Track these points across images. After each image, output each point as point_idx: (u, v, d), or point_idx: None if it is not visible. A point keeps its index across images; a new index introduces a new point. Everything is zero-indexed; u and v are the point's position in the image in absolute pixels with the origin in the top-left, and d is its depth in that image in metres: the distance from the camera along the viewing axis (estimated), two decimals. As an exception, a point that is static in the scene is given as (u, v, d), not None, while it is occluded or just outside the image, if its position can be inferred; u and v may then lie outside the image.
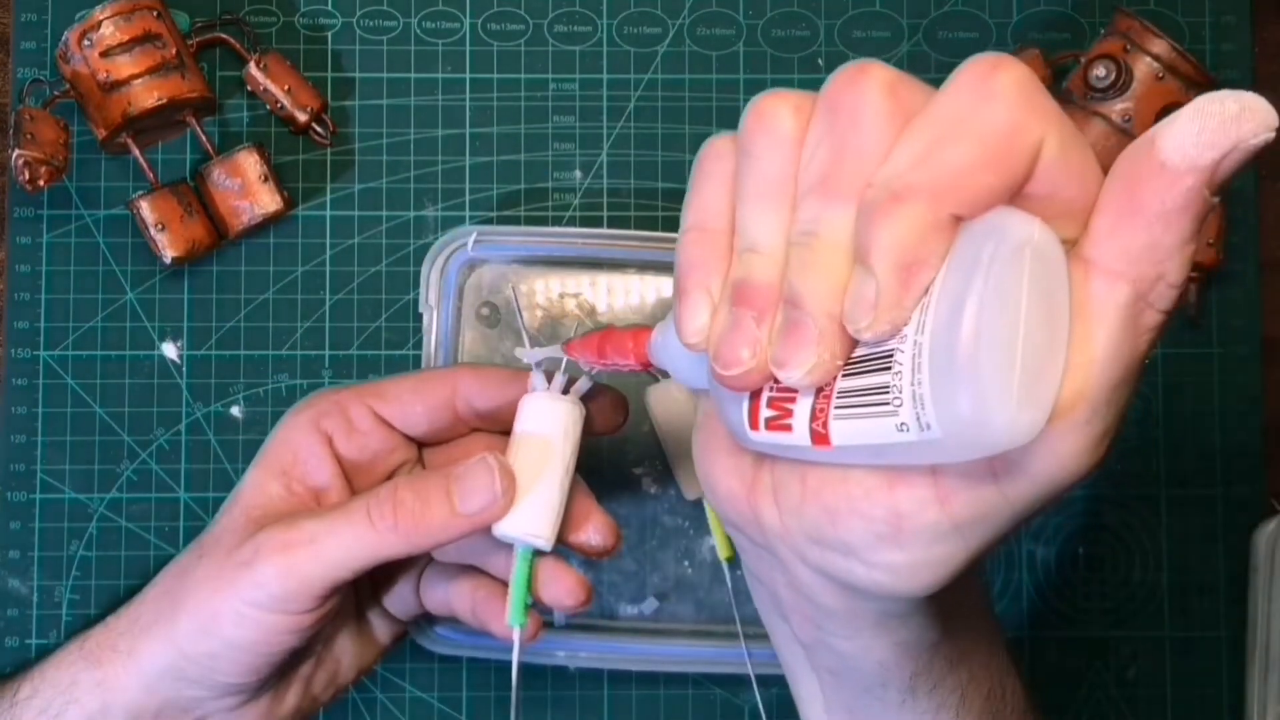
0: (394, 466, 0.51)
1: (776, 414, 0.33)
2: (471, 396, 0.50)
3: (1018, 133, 0.29)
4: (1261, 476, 0.61)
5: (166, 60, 0.56)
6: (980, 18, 0.62)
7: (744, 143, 0.33)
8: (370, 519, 0.46)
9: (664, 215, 0.61)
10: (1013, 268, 0.29)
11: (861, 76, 0.31)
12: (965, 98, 0.30)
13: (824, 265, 0.31)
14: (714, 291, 0.33)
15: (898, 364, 0.30)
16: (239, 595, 0.46)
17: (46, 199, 0.59)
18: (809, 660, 0.41)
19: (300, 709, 0.52)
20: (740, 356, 0.32)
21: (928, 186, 0.29)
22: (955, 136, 0.29)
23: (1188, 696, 0.60)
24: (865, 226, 0.30)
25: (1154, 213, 0.29)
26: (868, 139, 0.31)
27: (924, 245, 0.29)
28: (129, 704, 0.49)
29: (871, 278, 0.29)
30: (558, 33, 0.61)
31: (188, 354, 0.60)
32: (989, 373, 0.28)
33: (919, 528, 0.33)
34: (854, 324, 0.30)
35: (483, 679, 0.60)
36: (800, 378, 0.31)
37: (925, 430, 0.29)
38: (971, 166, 0.29)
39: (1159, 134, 0.29)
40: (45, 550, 0.59)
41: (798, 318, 0.31)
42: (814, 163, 0.31)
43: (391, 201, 0.60)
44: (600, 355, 0.42)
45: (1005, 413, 0.28)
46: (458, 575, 0.52)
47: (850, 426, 0.31)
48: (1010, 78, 0.29)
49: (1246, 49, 0.62)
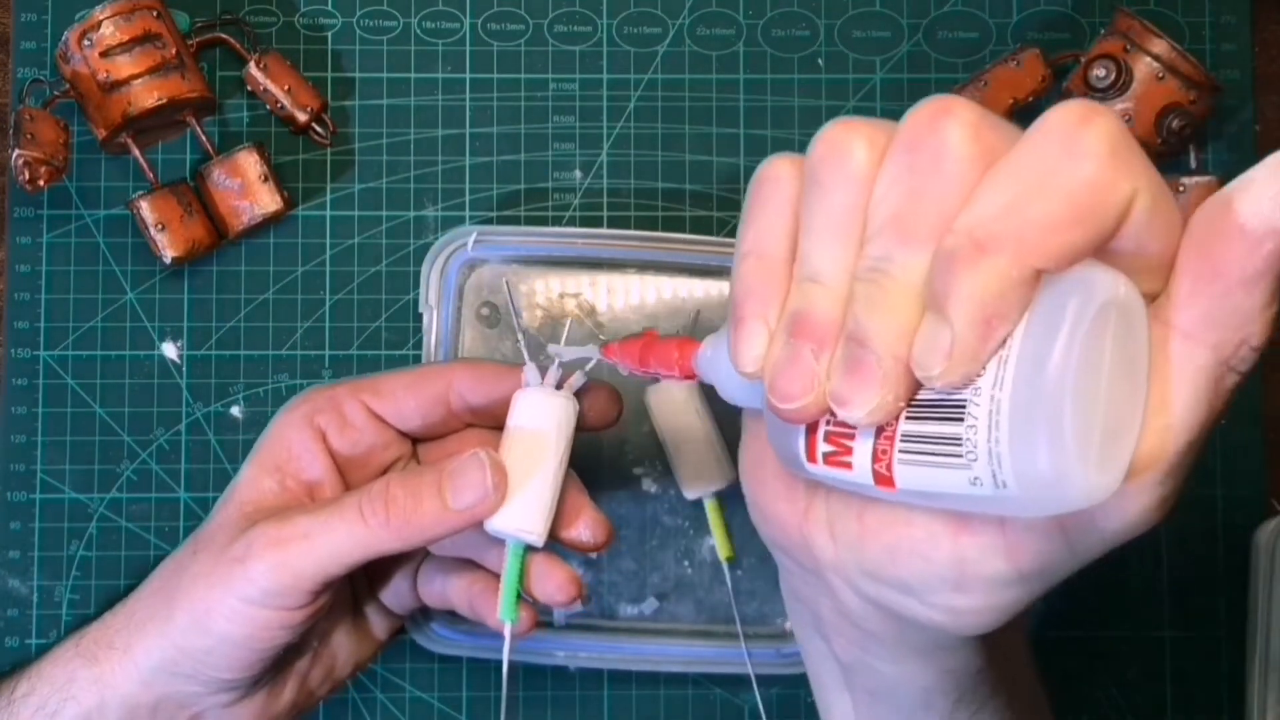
0: (388, 462, 0.52)
1: (835, 450, 0.32)
2: (465, 392, 0.50)
3: (1107, 190, 0.28)
4: (1261, 476, 0.61)
5: (166, 60, 0.56)
6: (980, 18, 0.62)
7: (814, 171, 0.32)
8: (362, 515, 0.46)
9: (664, 215, 0.61)
10: (1097, 327, 0.28)
11: (944, 116, 0.30)
12: (1054, 149, 0.29)
13: (893, 305, 0.30)
14: (771, 320, 0.33)
15: (972, 417, 0.29)
16: (232, 591, 0.46)
17: (46, 199, 0.59)
18: (845, 679, 0.41)
19: (297, 704, 0.52)
20: (798, 389, 0.31)
21: (1013, 239, 0.28)
22: (1043, 190, 0.28)
23: (1188, 696, 0.60)
24: (944, 274, 0.29)
25: (1234, 279, 0.28)
26: (950, 183, 0.30)
27: (1005, 299, 0.28)
28: (125, 700, 0.49)
29: (947, 326, 0.29)
30: (558, 33, 0.61)
31: (188, 354, 0.60)
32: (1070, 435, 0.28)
33: (983, 575, 0.33)
34: (924, 371, 0.29)
35: (483, 679, 0.59)
36: (861, 417, 0.30)
37: (1001, 488, 0.29)
38: (1059, 223, 0.28)
39: (1236, 195, 0.28)
40: (45, 550, 0.59)
41: (862, 355, 0.30)
42: (889, 200, 0.31)
43: (391, 201, 0.60)
44: (642, 364, 0.42)
45: (1084, 475, 0.28)
46: (454, 569, 0.52)
47: (918, 473, 0.31)
48: (1102, 132, 0.28)
49: (1246, 49, 0.62)
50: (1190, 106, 0.56)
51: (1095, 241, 0.29)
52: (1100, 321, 0.28)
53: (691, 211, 0.61)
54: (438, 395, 0.50)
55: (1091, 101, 0.29)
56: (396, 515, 0.46)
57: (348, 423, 0.50)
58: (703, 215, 0.61)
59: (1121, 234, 0.29)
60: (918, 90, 0.61)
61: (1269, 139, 0.62)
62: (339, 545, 0.46)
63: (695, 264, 0.58)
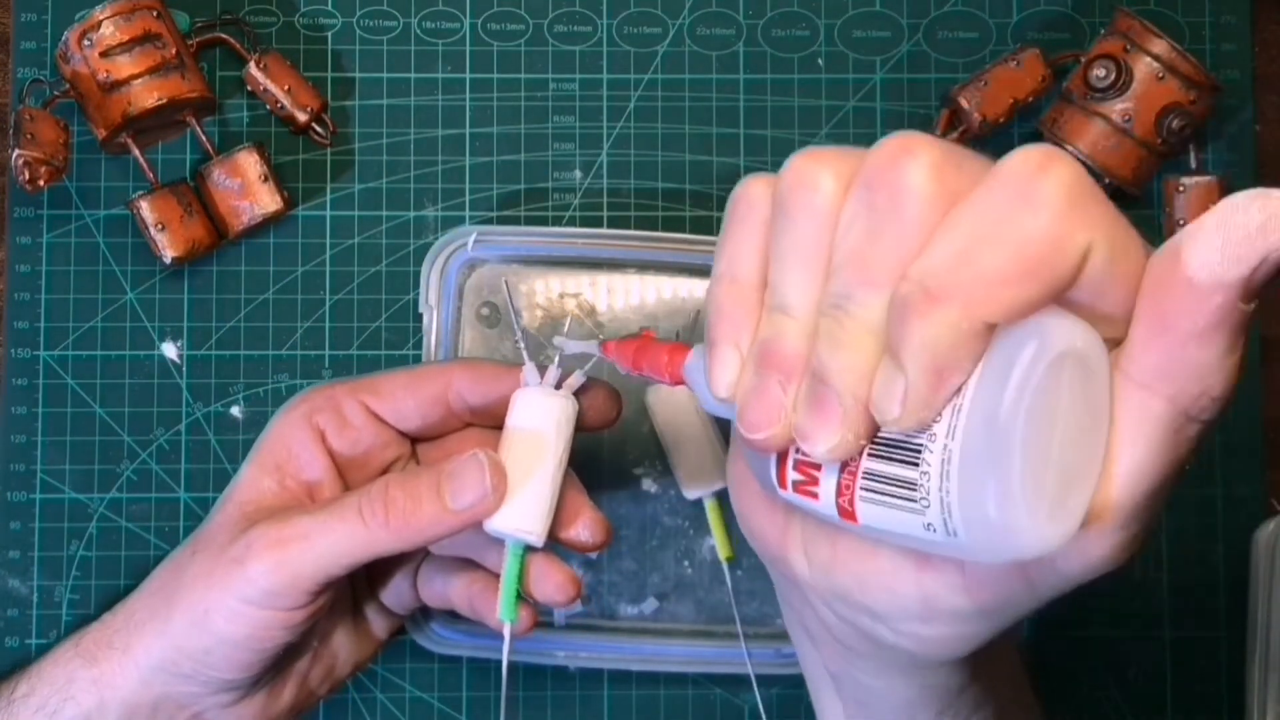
0: (388, 462, 0.52)
1: (803, 479, 0.33)
2: (464, 391, 0.50)
3: (1061, 242, 0.28)
4: (1261, 477, 0.61)
5: (166, 60, 0.56)
6: (980, 18, 0.62)
7: (782, 201, 0.32)
8: (361, 515, 0.46)
9: (664, 215, 0.61)
10: (1051, 377, 0.28)
11: (905, 156, 0.30)
12: (1008, 197, 0.28)
13: (853, 345, 0.30)
14: (743, 346, 0.33)
15: (925, 463, 0.29)
16: (230, 591, 0.46)
17: (46, 199, 0.59)
18: (836, 689, 0.41)
19: (297, 704, 0.52)
20: (764, 420, 0.31)
21: (963, 292, 0.28)
22: (995, 241, 0.28)
23: (1188, 696, 0.60)
24: (898, 323, 0.29)
25: (1185, 332, 0.28)
26: (907, 225, 0.29)
27: (956, 350, 0.28)
28: (125, 700, 0.49)
29: (901, 374, 0.29)
30: (558, 33, 0.61)
31: (188, 354, 0.60)
32: (1019, 489, 0.27)
33: (946, 610, 0.33)
34: (881, 415, 0.29)
35: (483, 679, 0.59)
36: (823, 453, 0.30)
37: (952, 536, 0.29)
38: (1009, 276, 0.28)
39: (1184, 246, 0.28)
40: (45, 550, 0.59)
41: (824, 393, 0.30)
42: (850, 237, 0.31)
43: (391, 201, 0.60)
44: (635, 365, 0.42)
45: (1034, 527, 0.28)
46: (455, 569, 0.52)
47: (877, 512, 0.31)
48: (1056, 182, 0.28)
49: (1246, 49, 0.62)
50: (1190, 106, 0.56)
51: (1047, 296, 0.28)
52: (1054, 372, 0.28)
53: (691, 211, 0.61)
54: (436, 395, 0.50)
55: (1050, 147, 0.29)
56: (395, 516, 0.46)
57: (347, 422, 0.50)
58: (703, 215, 0.61)
59: (1078, 286, 0.28)
60: (918, 90, 0.61)
61: (1269, 139, 0.62)
62: (338, 546, 0.46)
63: (695, 264, 0.58)
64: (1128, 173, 0.57)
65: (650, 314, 0.59)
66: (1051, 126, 0.58)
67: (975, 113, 0.57)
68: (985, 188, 0.29)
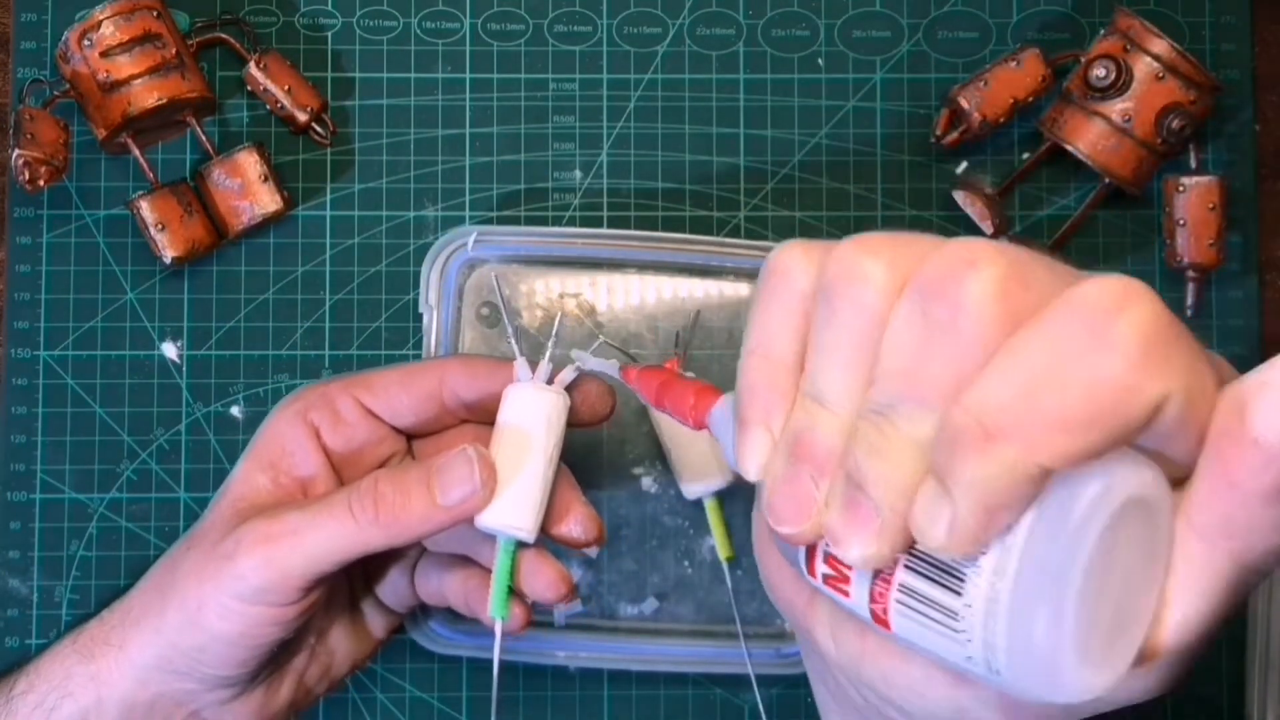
0: (382, 458, 0.52)
1: (834, 574, 0.31)
2: (458, 387, 0.50)
3: (1133, 392, 0.26)
4: (1262, 476, 0.61)
5: (166, 60, 0.56)
6: (980, 18, 0.62)
7: (828, 290, 0.30)
8: (351, 511, 0.46)
9: (664, 215, 0.61)
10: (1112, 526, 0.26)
11: (968, 269, 0.27)
12: (1080, 334, 0.26)
13: (895, 457, 0.28)
14: (774, 429, 0.31)
15: (969, 595, 0.28)
16: (222, 587, 0.46)
17: (46, 199, 0.59)
18: None
19: (295, 702, 0.52)
20: (793, 514, 0.30)
21: (1024, 434, 0.26)
22: (1061, 381, 0.26)
23: (1188, 696, 0.60)
24: (949, 454, 0.27)
25: (1251, 491, 0.26)
26: (964, 346, 0.27)
27: (1011, 492, 0.26)
28: (122, 697, 0.49)
29: (949, 503, 0.27)
30: (558, 33, 0.61)
31: (188, 354, 0.60)
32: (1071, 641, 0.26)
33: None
34: (924, 539, 0.28)
35: (483, 679, 0.59)
36: (856, 559, 0.29)
37: (995, 674, 0.28)
38: (1074, 422, 0.26)
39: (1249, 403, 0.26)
40: (45, 550, 0.59)
41: (860, 500, 0.28)
42: (901, 344, 0.29)
43: (391, 201, 0.60)
44: (658, 402, 0.40)
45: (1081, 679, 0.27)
46: (451, 565, 0.52)
47: (914, 629, 0.29)
48: (1134, 323, 0.26)
49: (1246, 49, 0.62)
50: (1190, 106, 0.56)
51: (1113, 445, 0.26)
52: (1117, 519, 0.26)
53: (691, 211, 0.61)
54: (430, 391, 0.50)
55: (1130, 280, 0.27)
56: (385, 512, 0.45)
57: (341, 419, 0.50)
58: (703, 215, 0.61)
59: (1149, 433, 0.27)
60: (918, 90, 0.61)
61: (1269, 139, 0.62)
62: (328, 542, 0.46)
63: (695, 264, 0.58)
64: (1128, 173, 0.57)
65: (650, 314, 0.59)
66: (1051, 126, 0.58)
67: (975, 113, 0.57)
68: (1056, 317, 0.27)
